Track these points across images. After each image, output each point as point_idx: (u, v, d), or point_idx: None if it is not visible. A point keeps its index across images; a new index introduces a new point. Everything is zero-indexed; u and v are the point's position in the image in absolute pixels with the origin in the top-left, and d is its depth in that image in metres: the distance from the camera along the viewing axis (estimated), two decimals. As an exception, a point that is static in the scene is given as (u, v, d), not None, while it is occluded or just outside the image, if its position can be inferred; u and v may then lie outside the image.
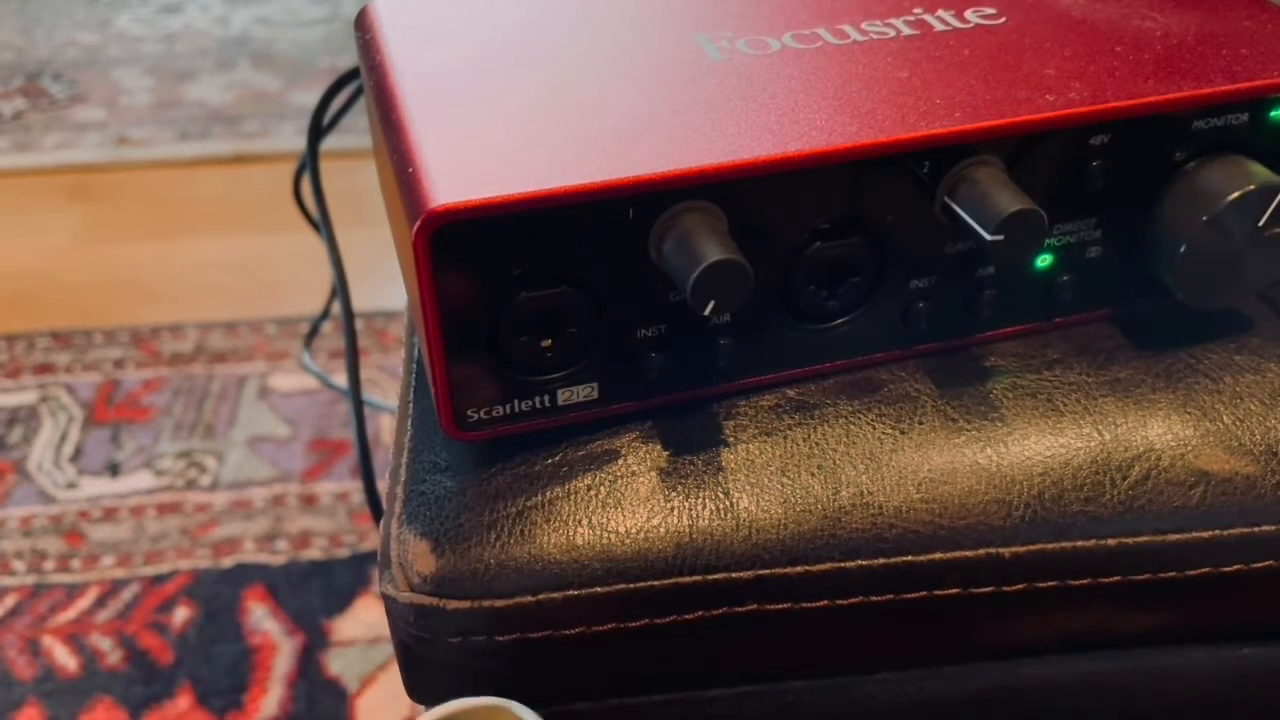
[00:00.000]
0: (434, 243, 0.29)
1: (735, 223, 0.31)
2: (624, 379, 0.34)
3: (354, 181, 1.07)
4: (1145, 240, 0.36)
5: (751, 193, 0.31)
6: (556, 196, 0.29)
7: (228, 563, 0.96)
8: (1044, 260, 0.37)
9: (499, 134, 0.32)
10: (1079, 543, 0.34)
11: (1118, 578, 0.34)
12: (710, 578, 0.33)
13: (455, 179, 0.29)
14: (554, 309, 0.32)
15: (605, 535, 0.33)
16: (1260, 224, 0.34)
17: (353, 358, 0.57)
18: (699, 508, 0.33)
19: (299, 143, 1.46)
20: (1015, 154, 0.33)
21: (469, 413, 0.33)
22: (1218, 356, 0.37)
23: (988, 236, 0.31)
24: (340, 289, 0.56)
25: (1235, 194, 0.33)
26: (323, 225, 0.57)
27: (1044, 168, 0.34)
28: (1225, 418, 0.36)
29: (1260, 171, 0.34)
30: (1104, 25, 0.37)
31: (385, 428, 1.08)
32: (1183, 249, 0.34)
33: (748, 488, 0.34)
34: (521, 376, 0.33)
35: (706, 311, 0.29)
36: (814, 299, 0.35)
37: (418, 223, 0.28)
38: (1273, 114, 0.35)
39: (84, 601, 0.93)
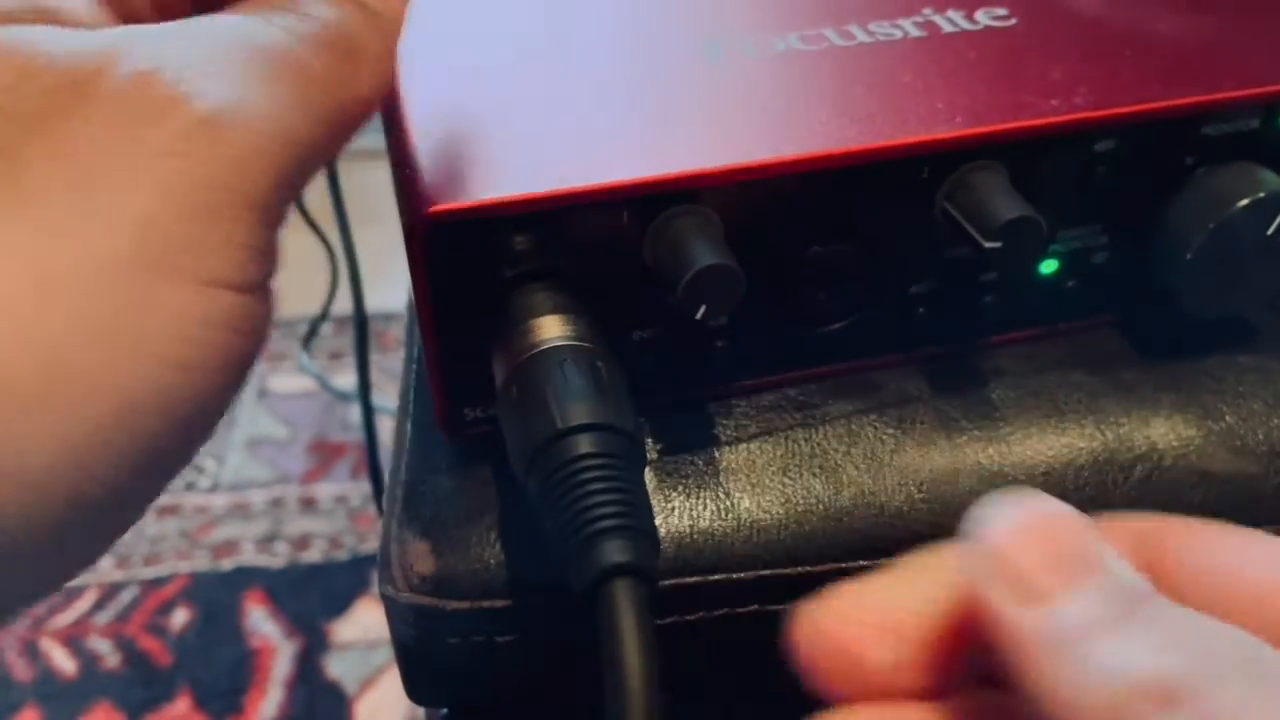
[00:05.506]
0: (429, 244, 0.29)
1: (730, 226, 0.31)
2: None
3: (356, 182, 1.07)
4: (1152, 247, 0.36)
5: (747, 197, 0.31)
6: (552, 199, 0.29)
7: (227, 565, 0.96)
8: (1049, 266, 0.36)
9: (496, 136, 0.32)
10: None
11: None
12: (711, 578, 0.32)
13: (451, 181, 0.29)
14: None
15: (605, 536, 0.32)
16: (1270, 232, 0.34)
17: (362, 358, 0.57)
18: (699, 508, 0.33)
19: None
20: (1019, 159, 0.33)
21: (466, 413, 0.33)
22: (1221, 357, 0.37)
23: (985, 244, 0.31)
24: (354, 290, 0.56)
25: (1245, 200, 0.33)
26: (340, 227, 0.57)
27: (1049, 173, 0.34)
28: (1228, 418, 0.36)
29: (1270, 178, 0.34)
30: (1116, 28, 0.37)
31: (384, 429, 1.08)
32: (1189, 256, 0.34)
33: (748, 488, 0.33)
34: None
35: (699, 316, 0.29)
36: (812, 303, 0.34)
37: (413, 224, 0.28)
38: (1282, 119, 0.35)
39: (82, 604, 0.93)
